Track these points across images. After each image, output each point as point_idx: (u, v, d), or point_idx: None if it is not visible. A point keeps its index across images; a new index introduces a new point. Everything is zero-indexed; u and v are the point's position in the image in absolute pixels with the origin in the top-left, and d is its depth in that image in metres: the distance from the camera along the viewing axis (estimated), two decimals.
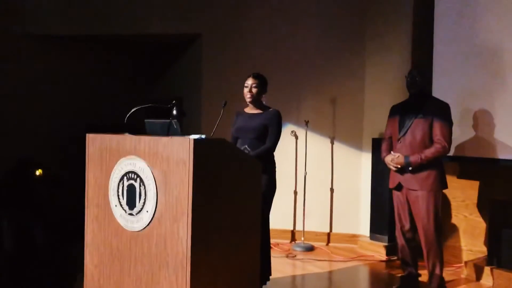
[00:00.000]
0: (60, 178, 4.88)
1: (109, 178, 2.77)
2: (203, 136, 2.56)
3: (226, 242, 2.66)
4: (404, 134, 3.57)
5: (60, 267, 4.47)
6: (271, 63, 5.45)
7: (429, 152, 3.45)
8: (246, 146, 3.48)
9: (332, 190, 5.42)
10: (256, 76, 3.62)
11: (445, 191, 4.60)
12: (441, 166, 3.58)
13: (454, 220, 4.61)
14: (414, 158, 3.48)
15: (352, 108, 5.39)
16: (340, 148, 5.41)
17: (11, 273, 4.38)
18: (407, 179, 3.57)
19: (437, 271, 3.56)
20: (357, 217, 5.37)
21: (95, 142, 2.88)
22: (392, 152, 3.66)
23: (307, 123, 5.24)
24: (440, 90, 4.46)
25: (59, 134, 6.15)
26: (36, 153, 5.51)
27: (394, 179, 3.68)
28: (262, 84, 3.62)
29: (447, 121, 3.51)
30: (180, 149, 2.45)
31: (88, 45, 6.55)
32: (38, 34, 6.06)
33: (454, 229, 4.60)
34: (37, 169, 4.80)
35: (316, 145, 5.39)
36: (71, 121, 6.20)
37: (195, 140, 2.42)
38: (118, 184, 2.72)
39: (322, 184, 5.42)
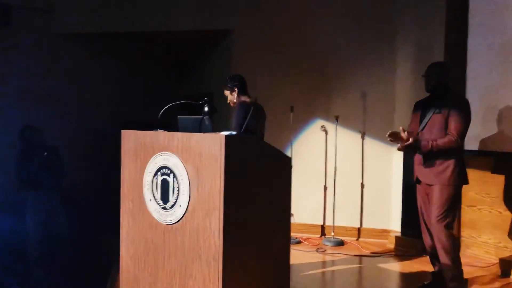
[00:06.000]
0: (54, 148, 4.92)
1: (144, 173, 2.86)
2: (234, 132, 2.61)
3: (257, 236, 2.71)
4: (422, 129, 3.59)
5: (95, 258, 4.61)
6: (301, 58, 5.47)
7: (440, 141, 3.44)
8: None
9: (362, 185, 5.40)
10: (225, 87, 3.91)
11: (478, 187, 4.55)
12: (459, 161, 3.51)
13: (488, 216, 4.53)
14: (424, 143, 3.49)
15: (383, 102, 5.34)
16: (371, 143, 5.38)
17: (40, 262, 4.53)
18: (424, 174, 3.57)
19: (452, 272, 3.50)
20: (388, 212, 5.33)
21: (130, 139, 2.97)
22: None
23: (337, 118, 5.23)
24: (473, 84, 4.39)
25: (92, 130, 6.34)
26: (69, 148, 5.68)
27: (415, 173, 3.69)
28: (232, 91, 3.91)
29: (462, 116, 3.46)
30: (212, 145, 2.51)
31: (120, 42, 6.71)
32: (72, 33, 6.25)
33: (488, 225, 4.52)
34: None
35: (346, 140, 5.37)
36: (104, 118, 6.38)
37: (226, 136, 2.47)
38: (152, 179, 2.80)
39: (352, 179, 5.40)
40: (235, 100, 3.94)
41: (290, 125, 5.23)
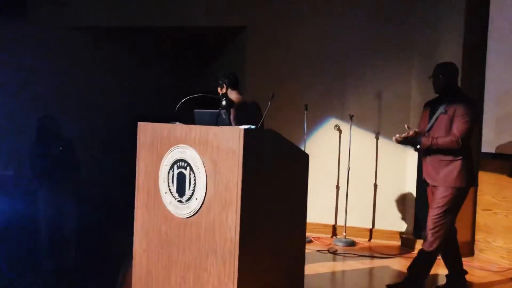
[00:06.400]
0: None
1: (160, 166, 2.83)
2: (253, 126, 2.58)
3: (273, 232, 2.68)
4: (430, 129, 3.58)
5: (107, 251, 4.61)
6: (316, 56, 5.43)
7: (442, 139, 3.43)
8: None
9: (375, 186, 5.35)
10: (217, 84, 4.09)
11: (494, 190, 4.49)
12: (467, 162, 3.47)
13: (504, 220, 4.46)
14: (424, 139, 3.48)
15: (398, 102, 5.28)
16: (385, 143, 5.32)
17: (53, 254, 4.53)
18: (431, 175, 3.56)
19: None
20: (400, 213, 5.27)
21: (146, 131, 2.95)
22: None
23: (351, 117, 5.18)
24: (492, 87, 4.33)
25: (106, 123, 6.34)
26: (82, 141, 5.68)
27: (423, 175, 3.67)
28: (221, 87, 4.05)
29: (467, 117, 3.42)
30: (230, 138, 2.48)
31: (135, 37, 6.71)
32: (87, 26, 6.25)
33: (504, 229, 4.46)
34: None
35: (360, 139, 5.32)
36: (118, 112, 6.37)
37: (245, 130, 2.45)
38: (168, 171, 2.78)
39: (365, 179, 5.35)
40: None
41: (304, 124, 5.19)
